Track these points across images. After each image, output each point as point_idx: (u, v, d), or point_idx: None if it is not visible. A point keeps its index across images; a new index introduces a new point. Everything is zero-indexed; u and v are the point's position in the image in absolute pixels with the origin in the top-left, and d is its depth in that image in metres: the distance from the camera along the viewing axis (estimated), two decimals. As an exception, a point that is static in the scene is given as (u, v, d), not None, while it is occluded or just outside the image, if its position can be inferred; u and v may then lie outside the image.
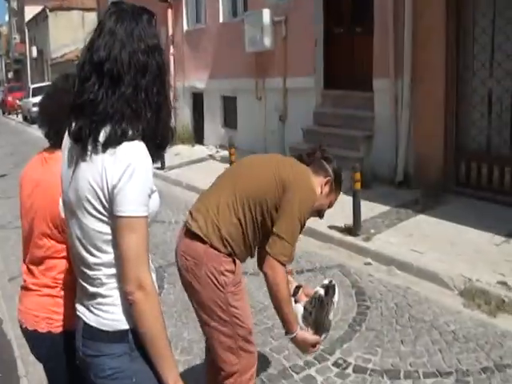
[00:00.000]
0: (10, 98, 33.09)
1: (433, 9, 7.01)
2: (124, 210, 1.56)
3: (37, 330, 2.08)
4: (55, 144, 2.11)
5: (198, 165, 10.64)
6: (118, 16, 1.65)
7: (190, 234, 2.50)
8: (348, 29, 8.84)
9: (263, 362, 3.69)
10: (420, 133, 7.31)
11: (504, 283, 4.48)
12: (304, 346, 2.59)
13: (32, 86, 26.90)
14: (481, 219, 5.88)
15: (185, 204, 8.08)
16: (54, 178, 1.93)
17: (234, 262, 2.48)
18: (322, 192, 2.58)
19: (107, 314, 1.67)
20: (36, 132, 2.58)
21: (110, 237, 1.62)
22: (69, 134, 1.69)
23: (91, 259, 1.65)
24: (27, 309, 2.13)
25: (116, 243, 1.60)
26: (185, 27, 13.06)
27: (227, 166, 8.55)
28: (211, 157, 11.20)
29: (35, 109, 21.93)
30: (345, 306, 4.47)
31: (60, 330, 2.07)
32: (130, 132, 1.59)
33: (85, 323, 1.71)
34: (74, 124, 1.65)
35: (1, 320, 4.49)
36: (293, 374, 3.58)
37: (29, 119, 24.40)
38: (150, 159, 1.62)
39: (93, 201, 1.60)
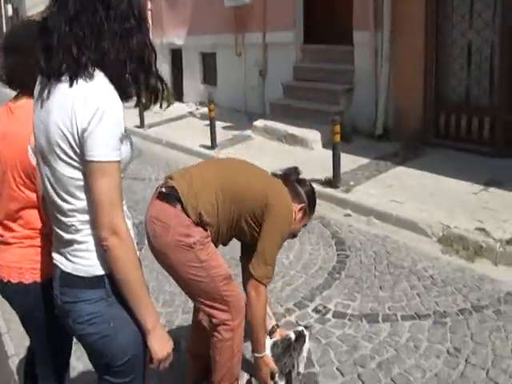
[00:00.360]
0: (-15, 59, 32.29)
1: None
2: (95, 155, 1.51)
3: (22, 281, 2.04)
4: (22, 92, 2.06)
5: (178, 122, 10.51)
6: None
7: (163, 197, 2.46)
8: (327, -19, 8.66)
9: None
10: (400, 85, 7.26)
11: (482, 229, 4.51)
12: (265, 370, 2.67)
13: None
14: (459, 169, 5.90)
15: (165, 161, 8.02)
16: (22, 128, 1.87)
17: (205, 231, 2.44)
18: (295, 218, 2.66)
19: (83, 260, 1.65)
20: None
21: (82, 182, 1.58)
22: (39, 70, 1.63)
23: (65, 206, 1.62)
24: (9, 262, 2.07)
25: (88, 189, 1.56)
26: (162, -18, 12.70)
27: (207, 122, 8.47)
28: (191, 114, 11.06)
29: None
30: (325, 255, 4.49)
31: (43, 278, 2.06)
32: (88, 61, 1.54)
33: (62, 271, 1.69)
34: (40, 61, 1.60)
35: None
36: (273, 321, 3.59)
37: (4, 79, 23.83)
38: (120, 103, 1.57)
39: (63, 146, 1.55)
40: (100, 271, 1.64)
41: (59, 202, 1.63)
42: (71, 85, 1.53)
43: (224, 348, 2.52)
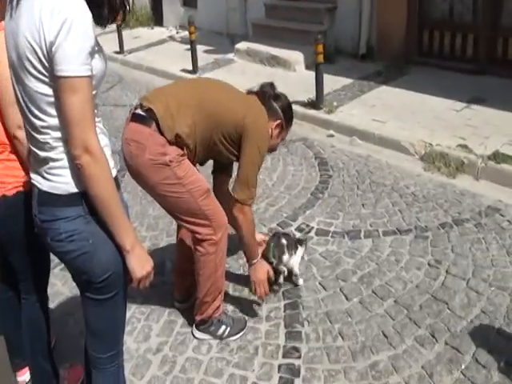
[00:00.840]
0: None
1: None
2: (64, 70, 1.46)
3: None
4: None
5: (158, 47, 10.19)
6: None
7: (136, 117, 2.42)
8: None
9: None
10: (383, 2, 7.03)
11: (464, 146, 4.51)
12: (261, 271, 2.74)
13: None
14: (443, 88, 5.83)
15: (146, 87, 7.81)
16: None
17: (180, 149, 2.43)
18: (272, 135, 2.67)
19: (59, 178, 1.62)
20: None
21: (53, 99, 1.53)
22: None
23: (38, 123, 1.58)
24: None
25: (59, 105, 1.51)
26: None
27: (188, 46, 8.23)
28: (171, 38, 10.71)
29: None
30: (308, 176, 4.48)
31: (14, 191, 2.09)
32: None
33: (39, 190, 1.67)
34: None
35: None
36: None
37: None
38: (89, 14, 1.49)
39: (32, 59, 1.48)
40: (76, 188, 1.62)
41: (32, 119, 1.58)
42: None
43: (207, 262, 2.56)
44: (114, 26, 9.70)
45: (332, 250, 3.43)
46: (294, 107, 5.70)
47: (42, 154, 1.62)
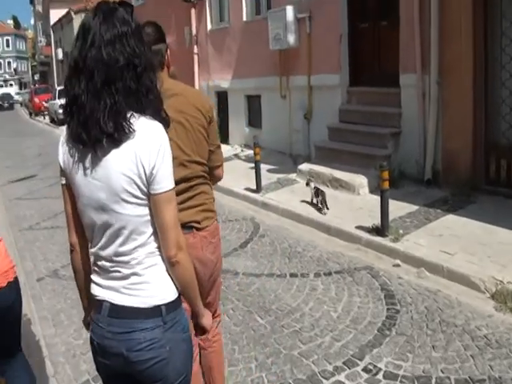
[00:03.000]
0: (36, 100, 33.59)
1: (459, 0, 6.86)
2: (163, 187, 1.74)
3: None
4: None
5: (224, 164, 10.62)
6: (93, 13, 1.76)
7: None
8: (373, 23, 8.72)
9: (291, 367, 3.68)
10: (448, 128, 7.18)
11: (538, 285, 4.37)
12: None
13: (58, 88, 27.15)
14: (512, 219, 5.76)
15: (211, 205, 8.09)
16: None
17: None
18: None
19: (141, 292, 1.80)
20: (62, 133, 2.60)
21: (148, 217, 1.78)
22: (75, 138, 1.76)
23: (130, 245, 1.78)
24: None
25: (156, 217, 1.76)
26: (208, 26, 13.08)
27: (252, 165, 8.55)
28: (236, 156, 11.21)
29: (62, 110, 22.23)
30: (374, 309, 4.42)
31: None
32: (125, 118, 1.70)
33: (112, 304, 1.82)
34: (72, 126, 1.76)
35: (29, 320, 4.56)
36: (322, 379, 3.54)
37: (56, 121, 24.70)
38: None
39: (131, 189, 1.73)
40: (159, 301, 1.80)
41: (123, 243, 1.79)
42: (122, 140, 1.70)
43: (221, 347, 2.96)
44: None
45: (401, 397, 3.30)
46: (359, 233, 5.87)
47: (125, 271, 1.80)
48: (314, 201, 7.14)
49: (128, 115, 1.71)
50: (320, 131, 9.32)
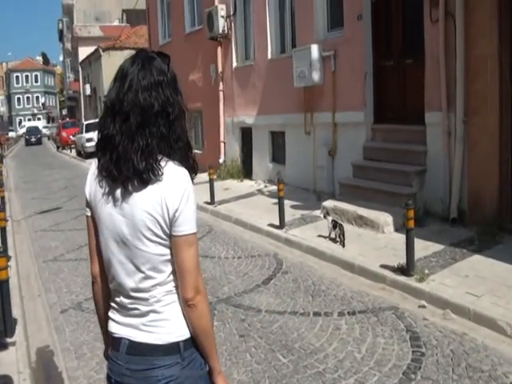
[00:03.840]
0: (64, 134, 34.34)
1: (485, 38, 6.85)
2: (185, 230, 1.79)
3: None
4: None
5: (247, 199, 10.69)
6: (132, 60, 1.85)
7: None
8: (398, 61, 8.78)
9: (314, 410, 3.61)
10: (474, 167, 7.13)
11: None
12: None
13: (85, 123, 27.82)
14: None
15: (234, 239, 8.12)
16: None
17: None
18: None
19: (160, 329, 1.83)
20: (89, 166, 2.64)
21: (168, 257, 1.82)
22: (105, 174, 1.83)
23: (149, 282, 1.83)
24: None
25: (176, 258, 1.81)
26: (234, 64, 13.30)
27: (275, 200, 8.57)
28: (259, 191, 11.25)
29: (88, 144, 22.68)
30: (399, 351, 4.33)
31: None
32: (155, 161, 1.78)
33: (131, 341, 1.85)
34: (103, 162, 1.83)
35: (52, 352, 4.57)
36: (346, 423, 3.46)
37: (83, 154, 25.17)
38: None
39: (153, 228, 1.79)
40: (177, 338, 1.83)
41: (142, 280, 1.83)
42: (150, 181, 1.78)
43: None
44: (206, 178, 10.36)
45: None
46: (384, 272, 5.80)
47: (144, 308, 1.84)
48: (332, 235, 7.14)
49: (158, 158, 1.79)
50: (344, 168, 9.33)
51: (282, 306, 5.43)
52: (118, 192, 1.82)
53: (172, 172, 1.80)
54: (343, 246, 6.86)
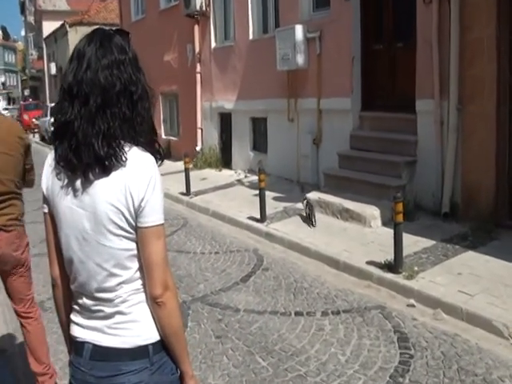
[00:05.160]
0: (25, 117, 33.84)
1: (482, 20, 6.84)
2: (152, 220, 1.76)
3: None
4: None
5: (226, 190, 10.67)
6: (89, 38, 1.82)
7: None
8: (388, 45, 8.80)
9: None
10: (469, 158, 7.16)
11: None
12: None
13: (50, 105, 27.37)
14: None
15: (211, 233, 8.09)
16: None
17: None
18: None
19: (128, 331, 1.80)
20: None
21: (134, 252, 1.79)
22: (64, 164, 1.79)
23: (114, 281, 1.79)
24: None
25: (142, 253, 1.77)
26: (212, 44, 13.22)
27: (256, 192, 8.55)
28: (239, 182, 11.23)
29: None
30: (386, 353, 4.36)
31: None
32: (118, 145, 1.75)
33: (95, 346, 1.81)
34: (61, 152, 1.79)
35: (11, 355, 4.51)
36: (329, 430, 3.48)
37: (46, 139, 24.85)
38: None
39: (117, 221, 1.75)
40: (145, 341, 1.80)
41: (106, 279, 1.79)
42: (113, 168, 1.74)
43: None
44: (181, 167, 10.29)
45: None
46: (370, 269, 5.84)
47: (109, 310, 1.81)
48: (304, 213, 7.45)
49: (122, 142, 1.77)
50: (330, 158, 9.34)
51: (261, 305, 5.43)
52: (78, 183, 1.78)
53: (137, 158, 1.77)
54: (313, 225, 7.27)
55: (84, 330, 1.85)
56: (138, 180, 1.74)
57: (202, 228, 8.51)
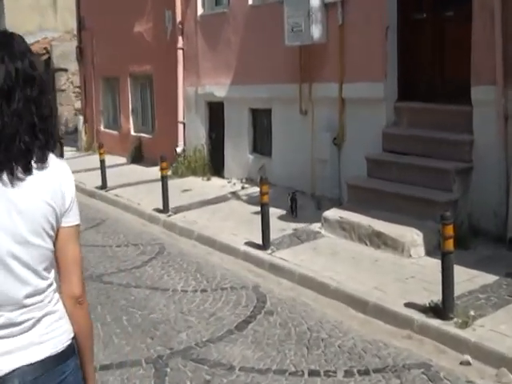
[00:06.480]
0: None
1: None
2: (76, 220, 2.28)
3: None
4: None
5: (216, 206, 10.69)
6: None
7: None
8: (433, 13, 8.87)
9: None
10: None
11: None
12: None
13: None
14: None
15: (196, 264, 8.08)
16: None
17: None
18: None
19: (59, 330, 2.22)
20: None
21: (53, 251, 2.21)
22: None
23: (44, 283, 2.19)
24: None
25: (64, 252, 2.24)
26: (199, 10, 13.28)
27: (257, 208, 8.55)
28: (234, 195, 11.24)
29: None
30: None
31: None
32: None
33: (31, 364, 2.11)
34: None
35: None
36: None
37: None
38: None
39: (52, 220, 2.17)
40: (70, 335, 2.25)
41: (37, 282, 2.16)
42: (44, 165, 2.16)
43: None
44: (157, 174, 10.29)
45: None
46: (410, 314, 5.82)
47: (39, 313, 2.17)
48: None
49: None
50: (355, 164, 9.37)
51: (264, 361, 5.42)
52: (8, 184, 2.10)
53: (57, 160, 2.23)
54: (295, 215, 8.93)
55: (10, 357, 2.10)
56: (68, 180, 2.25)
57: (185, 257, 8.49)
